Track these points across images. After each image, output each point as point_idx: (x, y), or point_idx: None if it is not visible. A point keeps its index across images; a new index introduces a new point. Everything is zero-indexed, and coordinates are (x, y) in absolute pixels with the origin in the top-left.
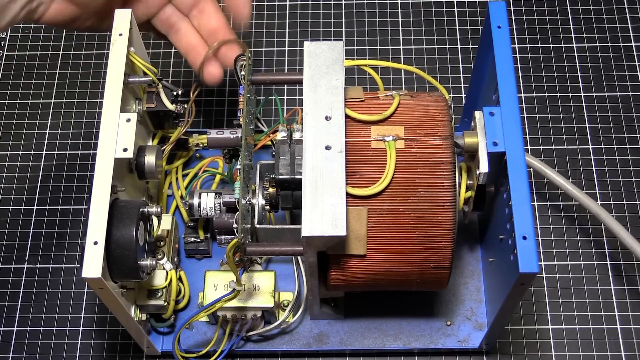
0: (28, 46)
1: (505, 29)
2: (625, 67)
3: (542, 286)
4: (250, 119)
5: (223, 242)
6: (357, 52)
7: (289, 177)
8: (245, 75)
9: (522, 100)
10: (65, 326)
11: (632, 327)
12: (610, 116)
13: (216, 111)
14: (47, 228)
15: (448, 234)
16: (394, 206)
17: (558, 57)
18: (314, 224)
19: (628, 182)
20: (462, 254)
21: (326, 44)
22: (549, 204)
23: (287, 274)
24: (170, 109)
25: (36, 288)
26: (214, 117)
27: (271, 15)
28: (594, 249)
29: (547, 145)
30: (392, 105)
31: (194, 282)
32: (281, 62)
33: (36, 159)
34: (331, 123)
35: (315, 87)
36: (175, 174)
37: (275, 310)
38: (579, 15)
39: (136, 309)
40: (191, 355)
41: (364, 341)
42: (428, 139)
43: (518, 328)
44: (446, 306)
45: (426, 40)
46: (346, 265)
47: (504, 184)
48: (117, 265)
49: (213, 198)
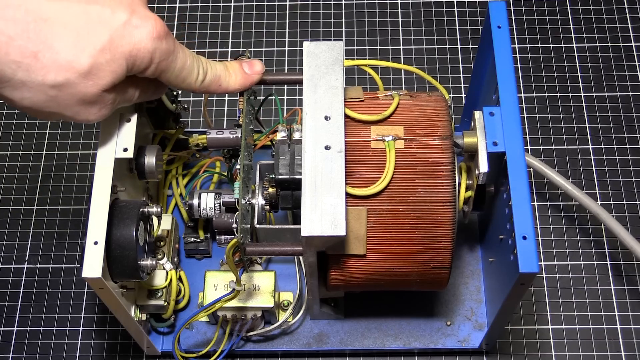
0: None
1: (505, 29)
2: (625, 67)
3: (542, 286)
4: (250, 119)
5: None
6: (357, 52)
7: (289, 177)
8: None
9: (522, 100)
10: (65, 326)
11: (632, 327)
12: (610, 116)
13: (216, 111)
14: (47, 228)
15: (448, 234)
16: (394, 206)
17: (558, 57)
18: (314, 224)
19: (628, 182)
20: (462, 254)
21: (326, 44)
22: (549, 204)
23: (287, 274)
24: (171, 109)
25: (36, 288)
26: (214, 117)
27: (271, 15)
28: (594, 249)
29: (547, 145)
30: (391, 105)
31: (194, 282)
32: (281, 62)
33: (36, 159)
34: (331, 123)
35: (315, 87)
36: (175, 174)
37: (275, 310)
38: (579, 15)
39: (136, 309)
40: (191, 355)
41: (364, 341)
42: (427, 139)
43: (518, 328)
44: (446, 306)
45: (426, 40)
46: (346, 265)
47: (504, 184)
48: (117, 265)
49: (213, 198)
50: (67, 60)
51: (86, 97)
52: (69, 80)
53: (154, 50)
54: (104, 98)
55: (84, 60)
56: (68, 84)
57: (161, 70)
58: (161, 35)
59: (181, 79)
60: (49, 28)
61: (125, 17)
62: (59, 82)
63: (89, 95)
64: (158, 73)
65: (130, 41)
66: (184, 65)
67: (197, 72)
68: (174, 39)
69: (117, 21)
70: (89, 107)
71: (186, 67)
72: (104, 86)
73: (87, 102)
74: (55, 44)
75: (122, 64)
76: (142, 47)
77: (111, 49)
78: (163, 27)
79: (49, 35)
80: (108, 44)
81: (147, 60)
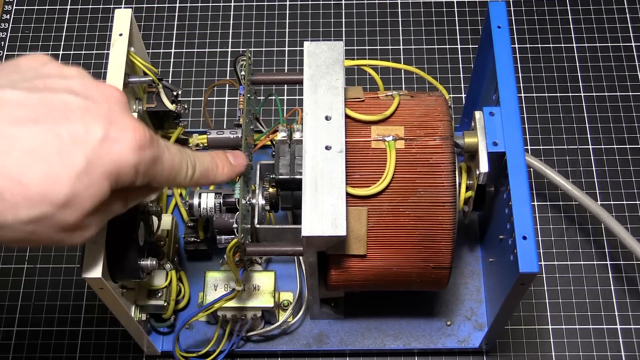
0: (28, 46)
1: (505, 29)
2: (625, 67)
3: (542, 286)
4: (250, 119)
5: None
6: (357, 52)
7: (289, 177)
8: (245, 75)
9: (522, 100)
10: (65, 326)
11: (632, 327)
12: (610, 116)
13: (216, 111)
14: None
15: (448, 234)
16: (394, 206)
17: (558, 57)
18: (314, 224)
19: (628, 182)
20: (462, 254)
21: (326, 44)
22: (549, 204)
23: (287, 274)
24: (171, 109)
25: (36, 288)
26: (214, 117)
27: (271, 15)
28: (594, 249)
29: (547, 145)
30: (392, 105)
31: (194, 282)
32: (281, 62)
33: None
34: (331, 123)
35: (315, 87)
36: None
37: (275, 310)
38: (579, 15)
39: (136, 309)
40: (191, 355)
41: (364, 341)
42: (428, 139)
43: (518, 328)
44: (446, 306)
45: (426, 40)
46: (346, 265)
47: (504, 184)
48: (117, 265)
49: (213, 198)
50: (40, 193)
51: (66, 225)
52: (44, 213)
53: (138, 163)
54: (87, 222)
55: (59, 190)
56: (45, 217)
57: (149, 179)
58: (143, 145)
59: (172, 180)
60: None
61: (101, 133)
62: (34, 216)
63: (69, 224)
64: (147, 181)
65: (110, 159)
66: (172, 165)
67: (186, 169)
68: (159, 141)
69: (93, 139)
70: (73, 233)
71: (174, 167)
72: (85, 212)
73: (69, 230)
74: (23, 178)
75: (103, 185)
76: (124, 162)
77: (89, 172)
78: (144, 133)
79: (15, 170)
80: (85, 168)
81: (132, 174)
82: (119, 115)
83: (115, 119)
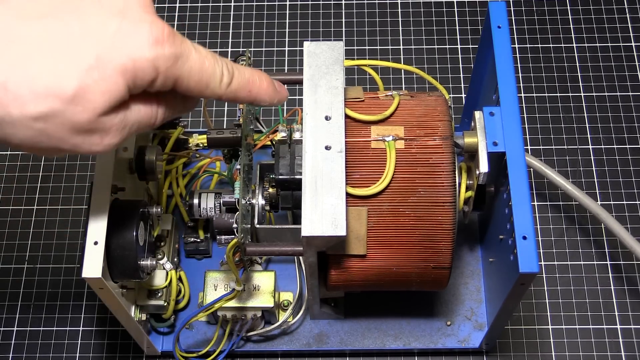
0: None
1: (505, 29)
2: (625, 67)
3: (542, 286)
4: (250, 119)
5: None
6: (357, 52)
7: (289, 177)
8: None
9: (522, 100)
10: (65, 326)
11: (632, 327)
12: (610, 116)
13: (216, 111)
14: (47, 228)
15: (448, 234)
16: (394, 206)
17: (558, 57)
18: (314, 224)
19: (628, 182)
20: (462, 254)
21: (326, 44)
22: (549, 204)
23: (287, 274)
24: None
25: (36, 288)
26: (214, 117)
27: (271, 15)
28: (594, 249)
29: (547, 145)
30: (392, 105)
31: (194, 282)
32: (281, 62)
33: (36, 159)
34: (331, 123)
35: (315, 87)
36: (175, 174)
37: (275, 310)
38: (579, 15)
39: (136, 309)
40: (191, 355)
41: (364, 341)
42: (428, 139)
43: (518, 328)
44: (446, 306)
45: (426, 40)
46: (346, 265)
47: (504, 184)
48: (117, 265)
49: (213, 198)
50: (46, 86)
51: (79, 125)
52: (53, 109)
53: (156, 58)
54: (103, 124)
55: (66, 84)
56: (53, 113)
57: (174, 79)
58: (161, 40)
59: (203, 85)
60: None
61: (114, 26)
62: (42, 112)
63: (82, 122)
64: (170, 83)
65: (123, 53)
66: (202, 67)
67: (221, 75)
68: (183, 38)
69: (105, 32)
70: (87, 137)
71: (205, 70)
72: (97, 110)
73: (84, 131)
74: (29, 69)
75: (117, 81)
76: (139, 58)
77: (99, 66)
78: (163, 28)
79: (19, 60)
80: (95, 61)
81: (150, 71)
82: (135, 10)
83: (130, 14)
